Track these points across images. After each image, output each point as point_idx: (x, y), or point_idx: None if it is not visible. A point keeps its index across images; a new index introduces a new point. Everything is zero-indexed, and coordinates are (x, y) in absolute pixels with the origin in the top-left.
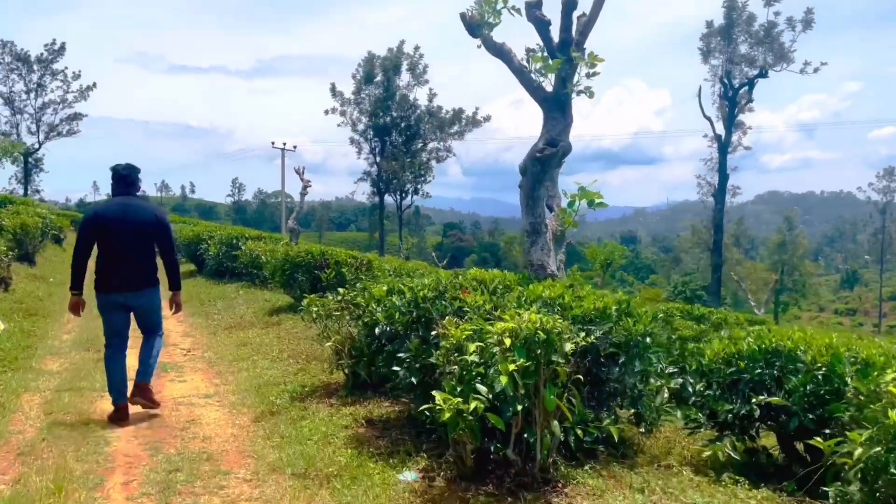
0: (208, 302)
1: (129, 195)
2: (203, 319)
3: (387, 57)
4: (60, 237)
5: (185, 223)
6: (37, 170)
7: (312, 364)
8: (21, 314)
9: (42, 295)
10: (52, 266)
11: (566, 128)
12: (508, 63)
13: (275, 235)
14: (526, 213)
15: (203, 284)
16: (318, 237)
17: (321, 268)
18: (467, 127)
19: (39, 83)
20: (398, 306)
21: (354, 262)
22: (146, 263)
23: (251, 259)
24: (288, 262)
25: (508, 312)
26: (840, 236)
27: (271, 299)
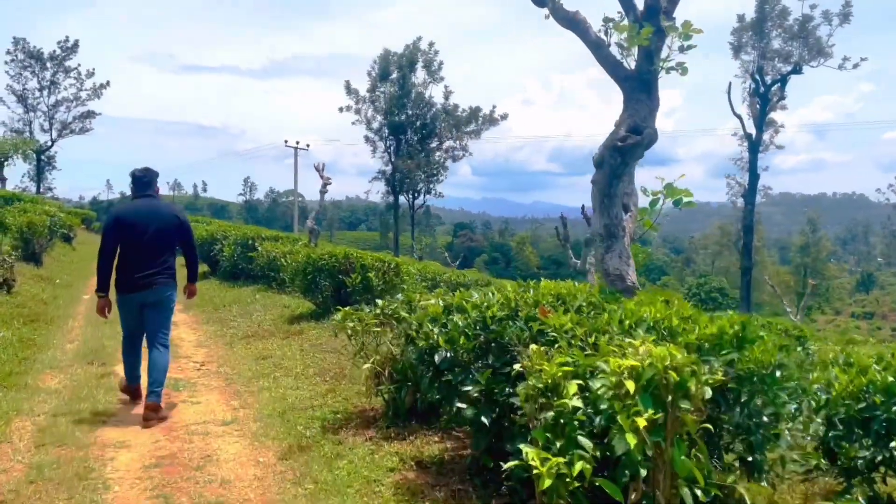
0: (223, 307)
1: (149, 197)
2: (218, 327)
3: (402, 54)
4: (70, 236)
5: (197, 222)
6: (49, 167)
7: (343, 384)
8: (22, 320)
9: (47, 298)
10: (60, 266)
11: (652, 112)
12: (583, 35)
13: (292, 236)
14: (600, 214)
15: (217, 287)
16: (329, 236)
17: (345, 272)
18: (484, 125)
19: (52, 81)
20: (462, 328)
21: (381, 266)
22: (166, 263)
23: (268, 261)
24: (310, 266)
25: (616, 342)
26: (853, 238)
27: (291, 305)
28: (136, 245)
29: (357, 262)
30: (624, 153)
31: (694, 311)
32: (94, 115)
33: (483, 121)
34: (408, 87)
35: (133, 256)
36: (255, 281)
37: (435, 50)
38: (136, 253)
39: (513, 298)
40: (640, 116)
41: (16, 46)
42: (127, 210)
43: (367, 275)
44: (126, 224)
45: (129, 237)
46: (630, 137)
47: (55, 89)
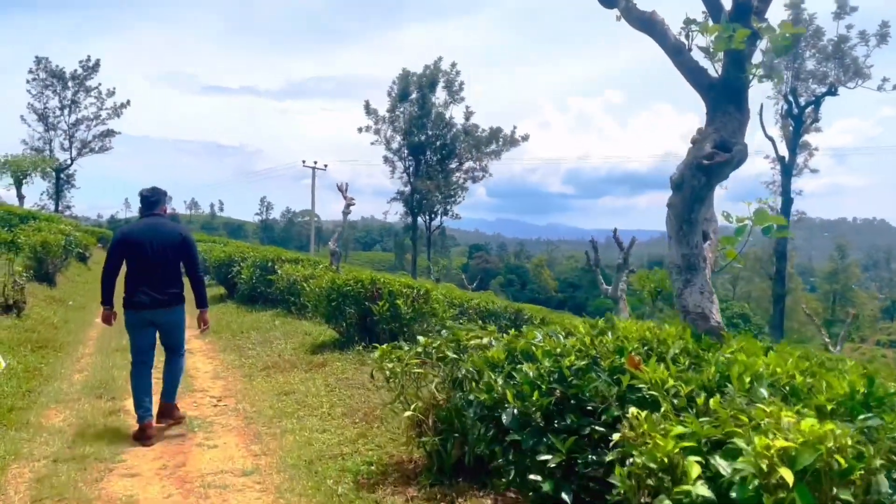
0: (241, 333)
1: (156, 216)
2: (236, 356)
3: (423, 74)
4: (86, 255)
5: (214, 242)
6: (68, 186)
7: (375, 427)
8: (30, 346)
9: (58, 321)
10: (74, 286)
11: (742, 125)
12: (660, 38)
13: (312, 258)
14: (677, 242)
15: (234, 311)
16: (345, 257)
17: (372, 299)
18: (504, 146)
19: (73, 100)
20: (533, 380)
21: (410, 293)
22: (173, 281)
23: (288, 284)
24: (334, 292)
25: (735, 406)
26: (875, 264)
27: (312, 332)
28: (140, 263)
29: (384, 288)
30: (709, 173)
31: (807, 362)
32: (113, 134)
33: (504, 142)
34: (428, 107)
35: (139, 274)
36: (273, 305)
37: (457, 70)
38: (141, 271)
39: (589, 343)
40: (729, 131)
41: (38, 65)
42: (132, 229)
43: (396, 302)
44: (130, 242)
45: (134, 255)
46: (717, 155)
47: (76, 108)
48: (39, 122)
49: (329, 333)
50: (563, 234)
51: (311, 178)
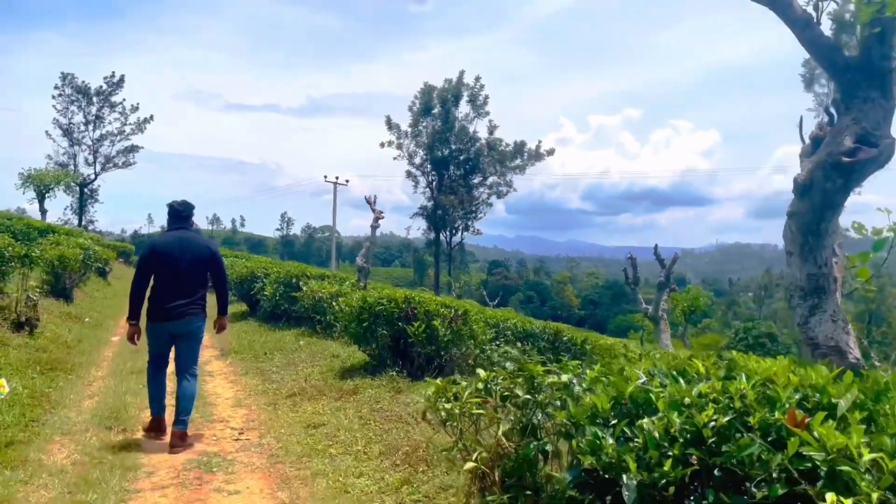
0: (264, 355)
1: (184, 229)
2: (258, 380)
3: (446, 88)
4: (105, 270)
5: (236, 257)
6: (92, 200)
7: (421, 472)
8: (39, 368)
9: (72, 340)
10: (92, 302)
11: (888, 116)
12: (783, 10)
13: (339, 274)
14: (802, 259)
15: (256, 329)
16: None
17: (407, 319)
18: (529, 161)
19: (98, 115)
20: (659, 442)
21: (448, 313)
22: (198, 294)
23: (314, 302)
24: (365, 312)
25: None
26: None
27: (340, 354)
28: (169, 275)
29: (420, 308)
30: (848, 173)
31: None
32: (137, 150)
33: (528, 156)
34: (451, 121)
35: (166, 287)
36: (298, 323)
37: (480, 84)
38: (169, 283)
39: (730, 392)
40: (872, 122)
41: (63, 81)
42: (163, 241)
43: (432, 323)
44: (161, 254)
45: (164, 268)
46: (861, 151)
47: (100, 123)
48: (64, 137)
49: (359, 356)
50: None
51: (330, 194)
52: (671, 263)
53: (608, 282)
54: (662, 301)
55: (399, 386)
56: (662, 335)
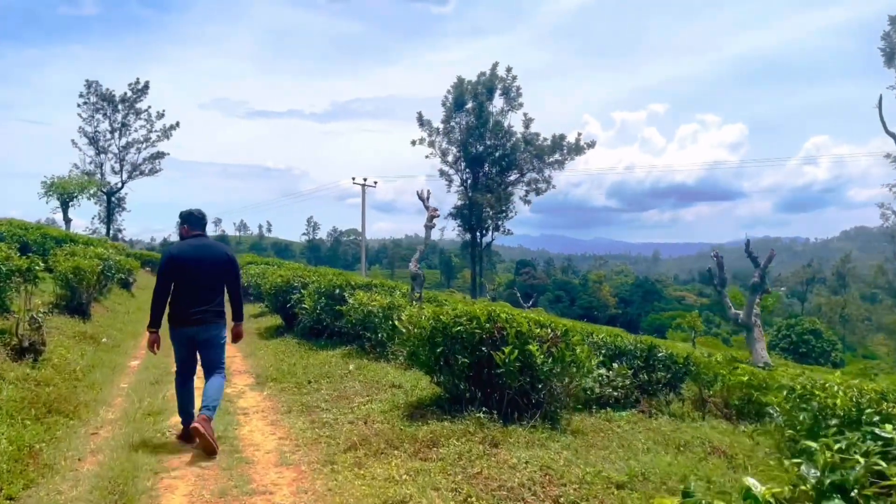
0: (308, 384)
1: (201, 236)
2: (306, 422)
3: (478, 81)
4: (129, 281)
5: (267, 265)
6: (119, 209)
7: None
8: (35, 411)
9: (82, 369)
10: (113, 318)
11: None
12: None
13: (387, 283)
14: None
15: (296, 349)
16: (391, 274)
17: (493, 343)
18: (569, 155)
19: (123, 122)
20: None
21: (546, 334)
22: (217, 299)
23: (363, 317)
24: (439, 334)
25: None
26: None
27: (402, 383)
28: (189, 282)
29: (509, 328)
30: None
31: None
32: (163, 156)
33: (568, 150)
34: (485, 116)
35: (186, 293)
36: (342, 341)
37: (513, 75)
38: (189, 290)
39: None
40: None
41: (88, 89)
42: (182, 249)
43: (527, 348)
44: (180, 262)
45: (183, 275)
46: None
47: (126, 131)
48: (90, 145)
49: (427, 387)
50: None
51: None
52: (766, 261)
53: (638, 279)
54: (755, 304)
55: (492, 434)
56: (757, 344)
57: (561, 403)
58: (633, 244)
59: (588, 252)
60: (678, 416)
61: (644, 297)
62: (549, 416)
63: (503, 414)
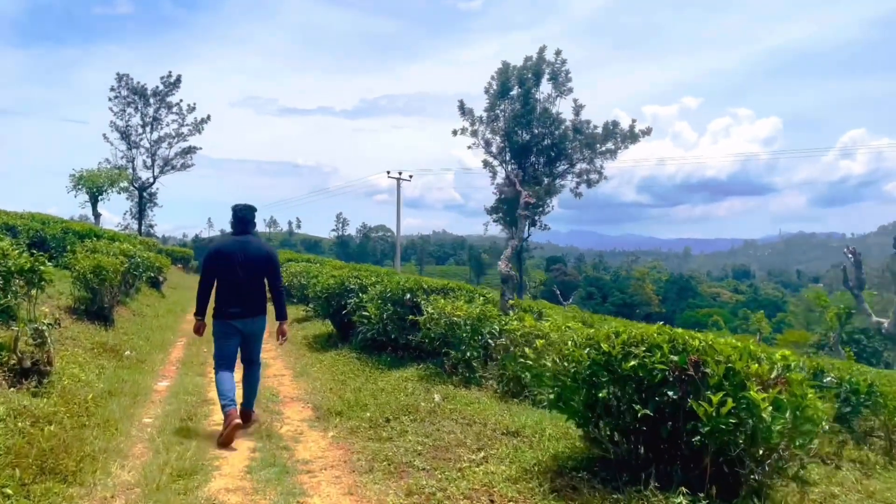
0: (386, 423)
1: (246, 233)
2: (399, 492)
3: (525, 66)
4: (159, 280)
5: (309, 262)
6: (151, 205)
7: None
8: (20, 472)
9: (95, 399)
10: (140, 324)
11: None
12: None
13: (464, 286)
14: None
15: (357, 367)
16: (419, 271)
17: (686, 385)
18: (623, 143)
19: (155, 117)
20: None
21: (765, 373)
22: (258, 294)
23: (446, 329)
24: (601, 370)
25: None
26: None
27: (521, 428)
28: (231, 277)
29: (713, 364)
30: None
31: None
32: (194, 151)
33: (622, 138)
34: (531, 102)
35: (229, 288)
36: (413, 357)
37: (562, 59)
38: (231, 285)
39: None
40: None
41: (119, 83)
42: (224, 244)
43: (745, 394)
44: (223, 257)
45: (226, 269)
46: None
47: (157, 125)
48: (122, 140)
49: (573, 442)
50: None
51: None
52: None
53: (672, 276)
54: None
55: None
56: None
57: (778, 474)
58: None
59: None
60: (860, 462)
61: (679, 293)
62: (755, 491)
63: (696, 489)
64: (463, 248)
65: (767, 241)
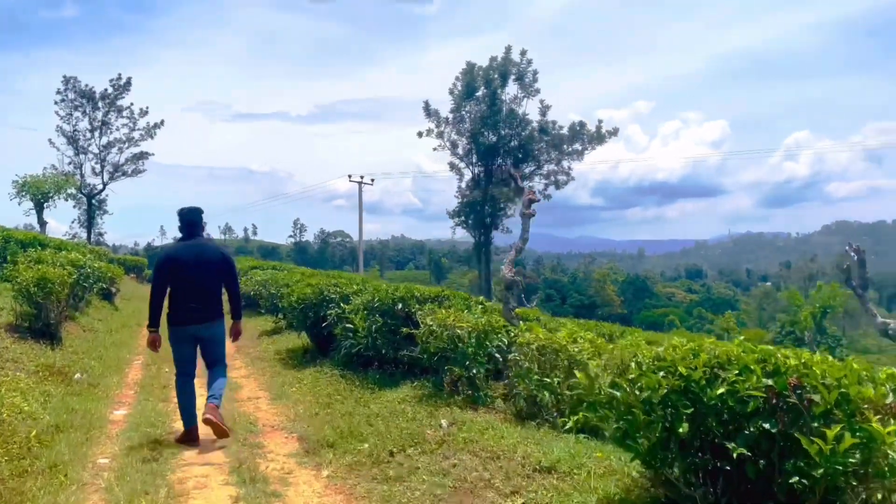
0: (390, 457)
1: (197, 236)
2: None
3: (491, 66)
4: (112, 291)
5: (275, 269)
6: (101, 212)
7: None
8: None
9: (39, 437)
10: (91, 341)
11: None
12: None
13: (459, 293)
14: None
15: (343, 387)
16: (381, 276)
17: (784, 415)
18: (590, 144)
19: (104, 121)
20: None
21: (881, 399)
22: (214, 298)
23: (447, 343)
24: (680, 399)
25: None
26: None
27: (555, 462)
28: (186, 283)
29: (822, 388)
30: None
31: None
32: (146, 156)
33: (589, 139)
34: (498, 103)
35: (184, 293)
36: (404, 373)
37: (528, 59)
38: (186, 290)
39: None
40: None
41: (66, 86)
42: (177, 250)
43: (866, 426)
44: (176, 263)
45: (180, 275)
46: None
47: (107, 130)
48: (69, 145)
49: (622, 480)
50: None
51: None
52: None
53: (629, 276)
54: None
55: None
56: None
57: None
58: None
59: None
60: None
61: (635, 294)
62: None
63: None
64: (422, 253)
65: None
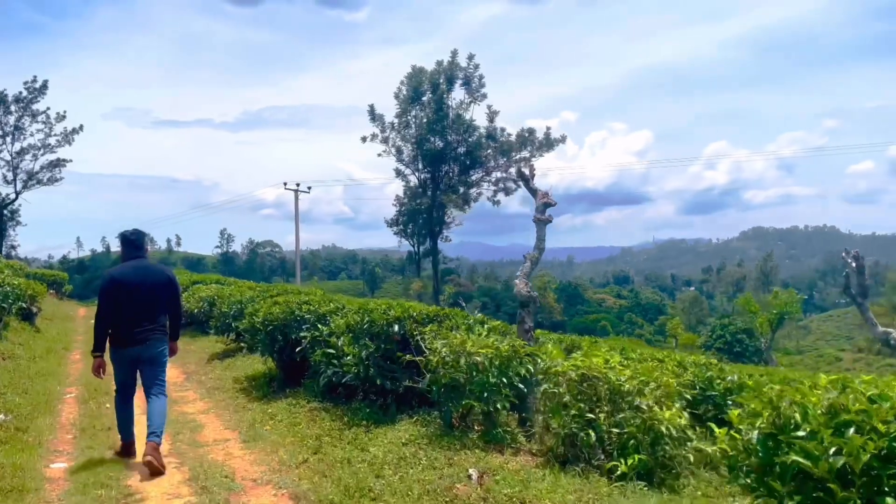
0: None
1: (140, 258)
2: None
3: (437, 70)
4: (32, 311)
5: (220, 283)
6: (13, 223)
7: None
8: None
9: None
10: (13, 371)
11: None
12: None
13: (457, 312)
14: None
15: (328, 426)
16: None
17: None
18: (539, 150)
19: (17, 126)
20: None
21: None
22: (160, 319)
23: (466, 372)
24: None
25: None
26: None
27: None
28: (130, 304)
29: None
30: None
31: None
32: (63, 164)
33: (539, 145)
34: (444, 109)
35: (128, 314)
36: (399, 405)
37: (475, 64)
38: (130, 311)
39: None
40: None
41: None
42: (122, 271)
43: None
44: (121, 285)
45: (125, 297)
46: None
47: (20, 135)
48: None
49: None
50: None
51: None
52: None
53: (561, 283)
54: None
55: None
56: None
57: None
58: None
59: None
60: None
61: (568, 300)
62: None
63: None
64: (355, 262)
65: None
